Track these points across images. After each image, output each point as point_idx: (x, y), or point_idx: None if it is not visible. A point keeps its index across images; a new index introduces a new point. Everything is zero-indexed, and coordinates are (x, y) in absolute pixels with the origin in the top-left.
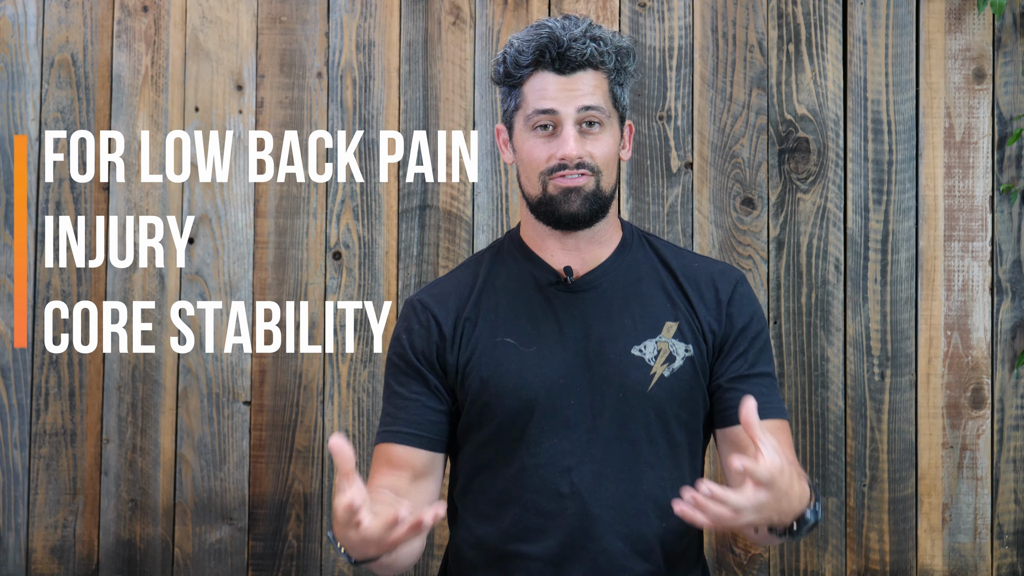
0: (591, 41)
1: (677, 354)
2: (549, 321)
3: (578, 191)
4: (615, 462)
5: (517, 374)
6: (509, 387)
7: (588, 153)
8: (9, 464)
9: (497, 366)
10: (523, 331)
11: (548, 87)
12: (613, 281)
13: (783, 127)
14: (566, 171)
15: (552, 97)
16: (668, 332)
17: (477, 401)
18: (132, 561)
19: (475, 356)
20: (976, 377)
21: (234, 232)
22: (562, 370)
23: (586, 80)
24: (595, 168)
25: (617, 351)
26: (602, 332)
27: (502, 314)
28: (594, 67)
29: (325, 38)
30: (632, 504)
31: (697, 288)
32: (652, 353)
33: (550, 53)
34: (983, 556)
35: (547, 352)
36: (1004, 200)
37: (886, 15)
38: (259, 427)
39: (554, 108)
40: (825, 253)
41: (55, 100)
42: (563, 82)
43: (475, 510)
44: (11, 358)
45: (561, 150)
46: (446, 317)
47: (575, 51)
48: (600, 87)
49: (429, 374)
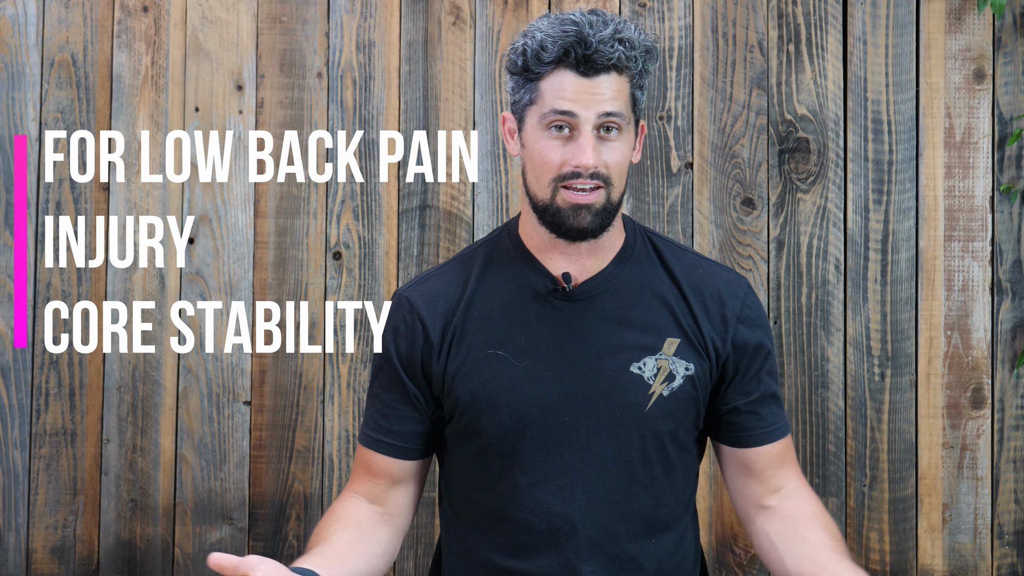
0: (619, 44)
1: (677, 372)
2: (544, 332)
3: (589, 208)
4: (609, 482)
5: (509, 389)
6: (500, 403)
7: (604, 163)
8: (9, 464)
9: (488, 380)
10: (516, 343)
11: (568, 88)
12: (614, 291)
13: (783, 127)
14: (579, 180)
15: (572, 99)
16: (669, 349)
17: (466, 414)
18: (132, 561)
19: (464, 367)
20: (976, 377)
21: (234, 232)
22: (556, 386)
23: (609, 84)
24: (608, 179)
25: (615, 368)
26: (600, 347)
27: (495, 323)
28: (619, 71)
29: (325, 38)
30: (624, 524)
31: (702, 300)
32: (652, 371)
33: (575, 54)
34: (983, 556)
35: (541, 367)
36: (1004, 200)
37: (886, 15)
38: (259, 427)
39: (573, 111)
40: (825, 253)
41: (55, 100)
42: (585, 84)
43: (467, 521)
44: (11, 358)
45: (577, 158)
46: (434, 322)
47: (602, 54)
48: (622, 92)
49: (410, 383)
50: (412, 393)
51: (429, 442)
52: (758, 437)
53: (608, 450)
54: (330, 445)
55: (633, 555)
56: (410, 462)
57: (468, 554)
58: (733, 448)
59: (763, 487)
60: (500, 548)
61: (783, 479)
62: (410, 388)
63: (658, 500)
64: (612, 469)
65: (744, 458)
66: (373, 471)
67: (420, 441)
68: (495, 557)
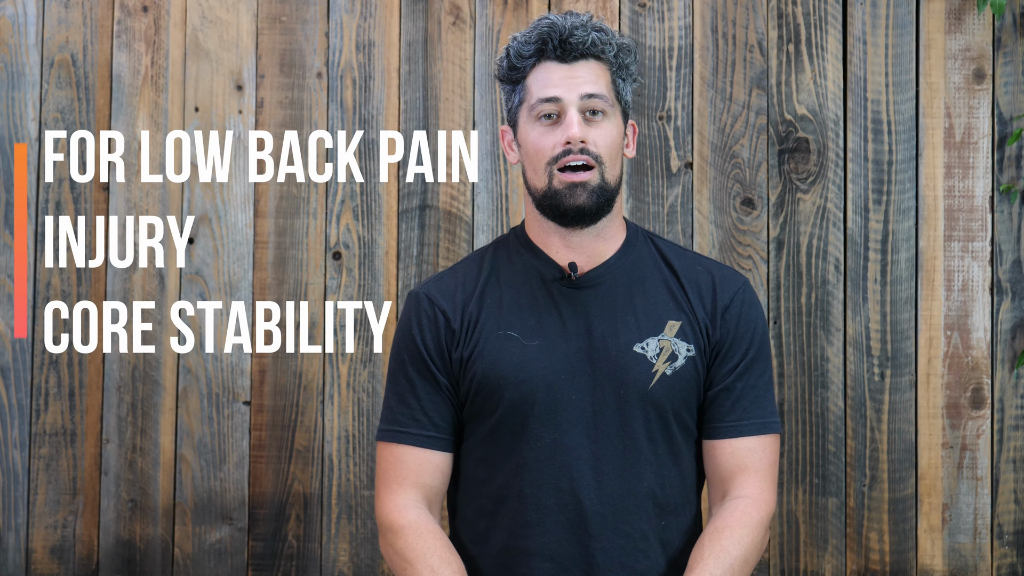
0: (593, 31)
1: (679, 353)
2: (552, 316)
3: (584, 185)
4: (615, 459)
5: (519, 367)
6: (511, 380)
7: (592, 140)
8: (9, 464)
9: (499, 359)
10: (526, 325)
11: (552, 75)
12: (617, 278)
13: (783, 127)
14: (570, 156)
15: (555, 84)
16: (671, 331)
17: (479, 394)
18: (132, 561)
19: (478, 349)
20: (976, 377)
21: (234, 232)
22: (564, 364)
23: (589, 68)
24: (598, 157)
25: (619, 347)
26: (605, 328)
27: (506, 307)
28: (596, 57)
29: (325, 38)
30: (632, 501)
31: (698, 290)
32: (655, 351)
33: (552, 42)
34: (983, 556)
35: (549, 346)
36: (1004, 200)
37: (886, 15)
38: (259, 427)
39: (557, 95)
40: (825, 253)
41: (55, 100)
42: (566, 70)
43: (475, 504)
44: (11, 358)
45: (565, 133)
46: (454, 312)
47: (577, 38)
48: (603, 76)
49: (439, 373)
50: (442, 383)
51: (460, 435)
52: (722, 430)
53: (613, 427)
54: (330, 445)
55: (643, 533)
56: (451, 455)
57: (477, 539)
58: (705, 441)
59: (717, 484)
60: (508, 528)
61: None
62: (440, 378)
63: (664, 480)
64: (617, 446)
65: (708, 449)
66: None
67: (456, 432)
68: (504, 537)
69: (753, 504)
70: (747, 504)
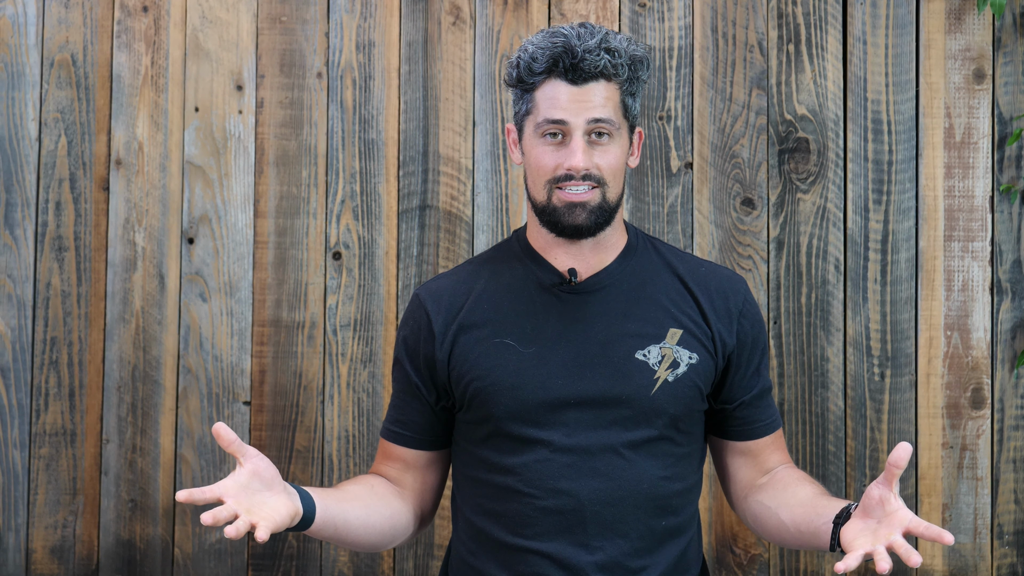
0: (605, 53)
1: (681, 360)
2: (551, 322)
3: (583, 205)
4: (615, 464)
5: (515, 374)
6: (506, 387)
7: (595, 165)
8: (9, 464)
9: (495, 367)
10: (523, 331)
11: (559, 96)
12: (618, 284)
13: (783, 127)
14: (571, 182)
15: (563, 107)
16: (672, 339)
17: (475, 400)
18: (132, 561)
19: (473, 355)
20: (976, 377)
21: (234, 232)
22: (561, 371)
23: (598, 91)
24: (601, 180)
25: (620, 355)
26: (605, 335)
27: (503, 314)
28: (607, 78)
29: (325, 38)
30: (631, 503)
31: (708, 294)
32: (656, 358)
33: (563, 63)
34: (983, 556)
35: (547, 353)
36: (1004, 200)
37: (886, 15)
38: (259, 427)
39: (564, 119)
40: (825, 253)
41: (55, 100)
42: (574, 92)
43: (475, 505)
44: (11, 358)
45: (568, 161)
46: (437, 314)
47: (588, 63)
48: (611, 98)
49: (413, 375)
50: (414, 384)
51: (437, 433)
52: (761, 429)
53: (613, 432)
54: (330, 445)
55: (642, 535)
56: (420, 452)
57: (478, 539)
58: (740, 443)
59: (757, 471)
60: (509, 528)
61: (775, 462)
62: (413, 379)
63: (663, 484)
64: (617, 449)
65: (745, 448)
66: (390, 456)
67: (427, 432)
68: (505, 537)
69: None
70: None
